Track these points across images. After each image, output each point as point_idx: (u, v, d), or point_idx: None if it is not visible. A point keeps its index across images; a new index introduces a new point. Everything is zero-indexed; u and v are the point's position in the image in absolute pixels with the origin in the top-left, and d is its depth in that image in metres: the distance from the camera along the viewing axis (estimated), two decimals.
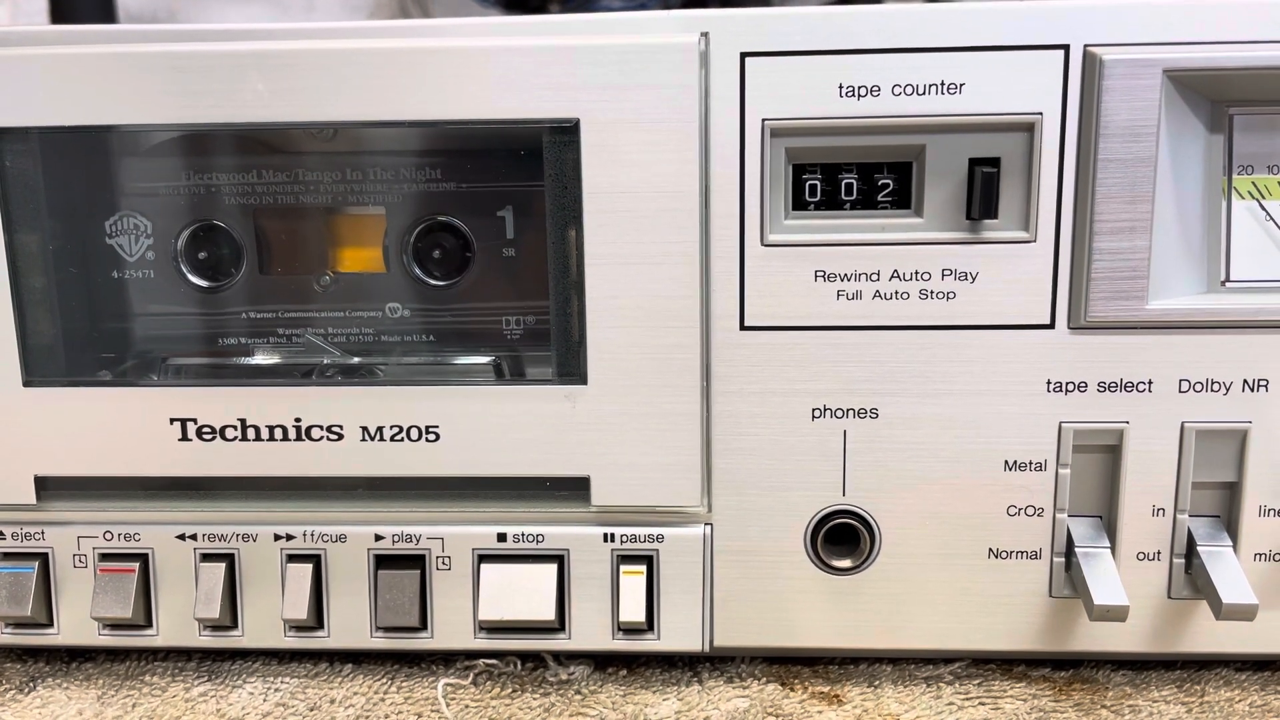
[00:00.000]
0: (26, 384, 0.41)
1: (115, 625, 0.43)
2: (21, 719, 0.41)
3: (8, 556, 0.43)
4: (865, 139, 0.38)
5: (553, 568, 0.41)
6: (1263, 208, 0.39)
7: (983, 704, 0.41)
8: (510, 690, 0.42)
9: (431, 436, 0.41)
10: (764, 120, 0.38)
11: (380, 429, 0.41)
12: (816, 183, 0.39)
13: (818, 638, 0.42)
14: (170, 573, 0.43)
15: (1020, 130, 0.38)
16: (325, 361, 0.43)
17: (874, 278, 0.39)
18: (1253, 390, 0.39)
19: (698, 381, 0.40)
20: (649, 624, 0.42)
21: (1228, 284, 0.39)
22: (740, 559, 0.42)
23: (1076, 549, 0.40)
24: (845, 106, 0.38)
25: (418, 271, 0.43)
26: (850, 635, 0.42)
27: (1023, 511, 0.41)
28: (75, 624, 0.43)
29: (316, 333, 0.43)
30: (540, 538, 0.42)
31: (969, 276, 0.39)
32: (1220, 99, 0.38)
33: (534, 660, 0.44)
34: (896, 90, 0.38)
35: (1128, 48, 0.37)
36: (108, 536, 0.42)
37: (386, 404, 0.40)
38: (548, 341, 0.41)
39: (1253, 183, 0.39)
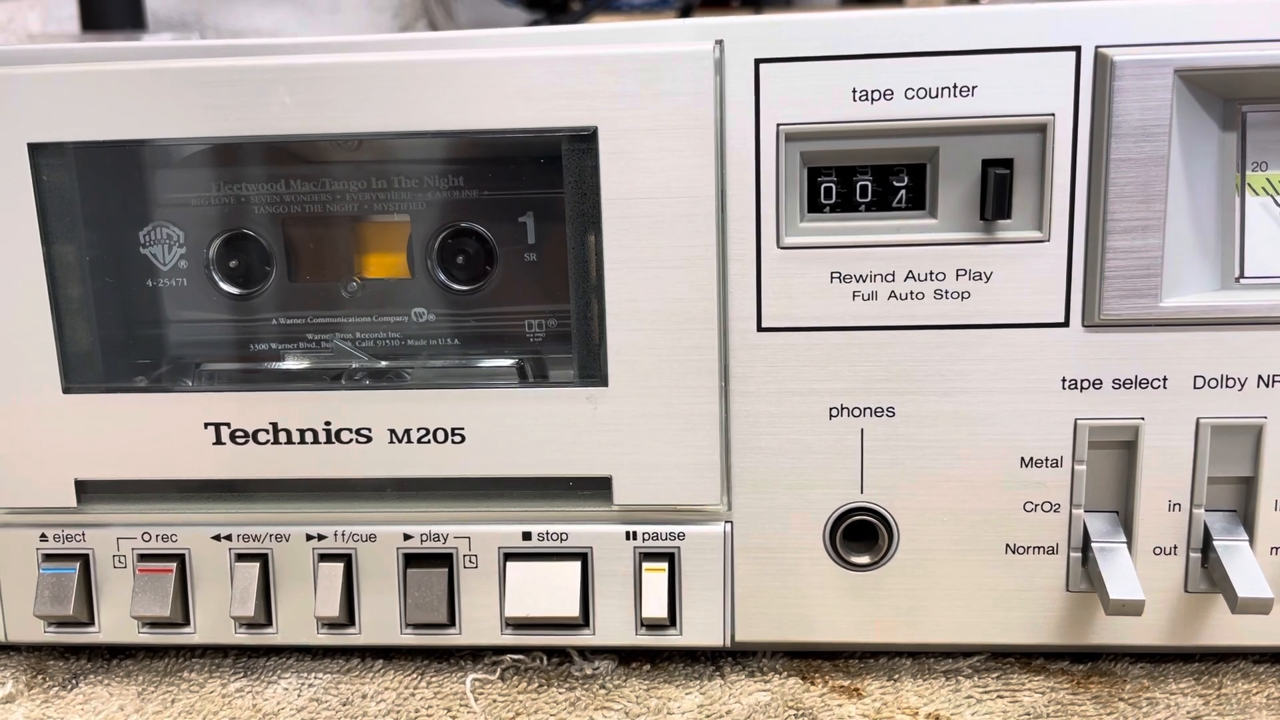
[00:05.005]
0: (66, 391, 0.42)
1: (154, 623, 0.44)
2: (65, 715, 0.43)
3: (50, 558, 0.44)
4: (879, 142, 0.39)
5: (577, 565, 0.42)
6: (1277, 204, 0.40)
7: (1001, 697, 0.41)
8: (536, 685, 0.43)
9: (457, 438, 0.42)
10: (779, 125, 0.39)
11: (408, 431, 0.42)
12: (831, 185, 0.40)
13: (837, 632, 0.43)
14: (206, 572, 0.44)
15: (1033, 131, 0.38)
16: (353, 366, 0.44)
17: (889, 278, 0.40)
18: (1268, 386, 0.40)
19: (716, 382, 0.40)
20: (671, 620, 0.43)
21: (1242, 280, 0.40)
22: (760, 556, 0.42)
23: (1093, 544, 0.41)
24: (859, 110, 0.39)
25: (442, 277, 0.44)
26: (869, 630, 0.43)
27: (1039, 507, 0.41)
28: (115, 623, 0.44)
29: (345, 338, 0.44)
30: (564, 536, 0.42)
31: (983, 276, 0.39)
32: (1233, 97, 0.39)
33: (559, 655, 0.45)
34: (909, 93, 0.38)
35: (1139, 48, 0.37)
36: (146, 538, 0.44)
37: (413, 407, 0.41)
38: (569, 344, 0.41)
39: (1267, 179, 0.39)
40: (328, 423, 0.42)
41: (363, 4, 0.89)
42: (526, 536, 0.43)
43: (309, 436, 0.42)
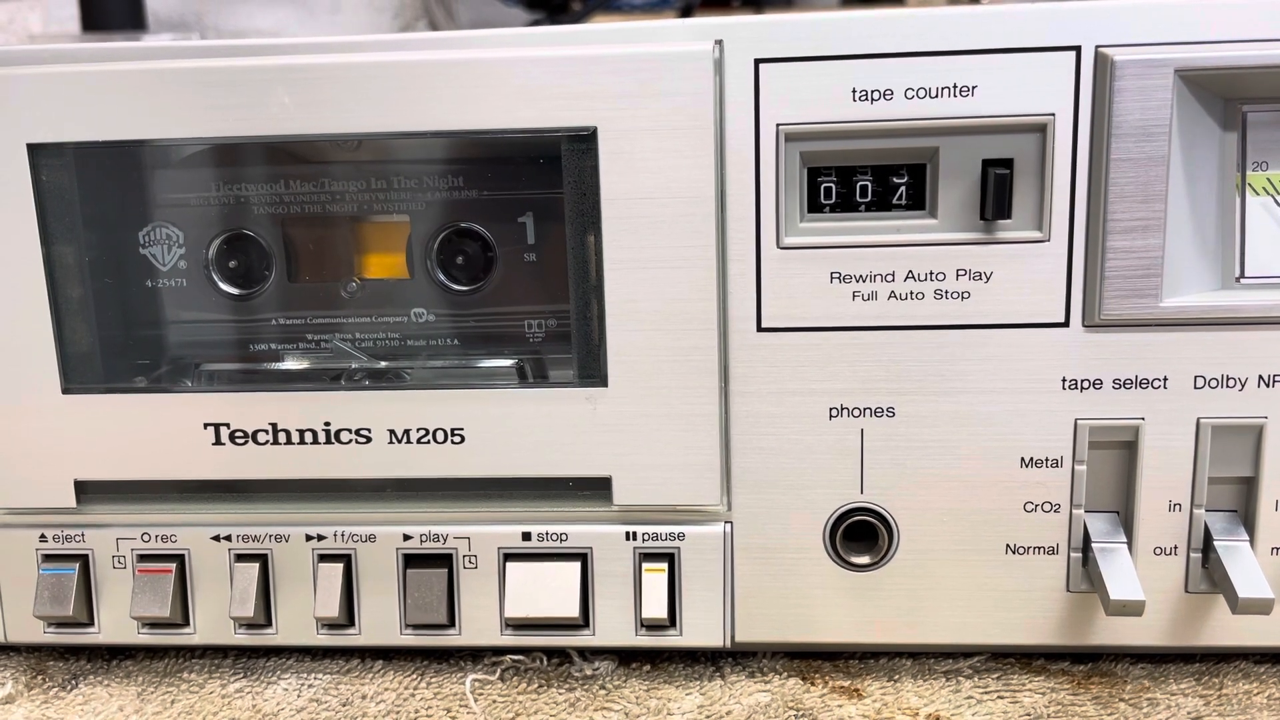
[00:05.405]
0: (65, 391, 0.42)
1: (154, 624, 0.44)
2: (65, 715, 0.43)
3: (50, 558, 0.44)
4: (879, 142, 0.39)
5: (576, 566, 0.42)
6: (1277, 204, 0.39)
7: (1001, 697, 0.41)
8: (536, 685, 0.43)
9: (457, 439, 0.41)
10: (778, 125, 0.39)
11: (407, 432, 0.42)
12: (831, 185, 0.40)
13: (838, 633, 0.43)
14: (206, 573, 0.44)
15: (1033, 131, 0.38)
16: (353, 366, 0.44)
17: (889, 278, 0.40)
18: (1268, 386, 0.40)
19: (716, 382, 0.40)
20: (671, 620, 0.42)
21: (1242, 280, 0.39)
22: (760, 556, 0.42)
23: (1093, 544, 0.41)
24: (859, 110, 0.38)
25: (442, 277, 0.44)
26: (870, 630, 0.43)
27: (1039, 508, 0.41)
28: (115, 623, 0.44)
29: (344, 338, 0.44)
30: (564, 536, 0.42)
31: (983, 276, 0.39)
32: (1233, 96, 0.39)
33: (559, 656, 0.45)
34: (909, 93, 0.38)
35: (1139, 48, 0.37)
36: (145, 538, 0.44)
37: (413, 407, 0.41)
38: (569, 344, 0.41)
39: (1267, 179, 0.39)
40: (327, 423, 0.42)
41: (363, 4, 0.89)
42: (526, 537, 0.43)
43: (308, 437, 0.42)
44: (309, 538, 0.43)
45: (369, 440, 0.42)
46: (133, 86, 0.39)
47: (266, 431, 0.42)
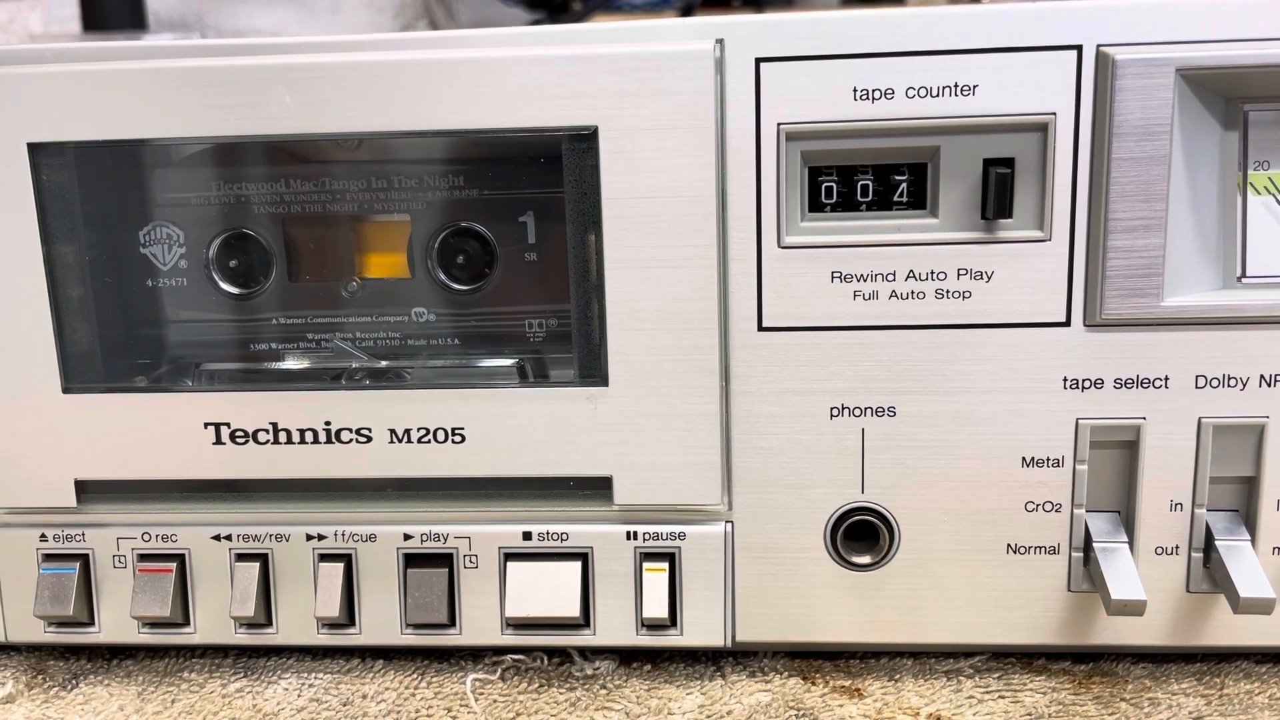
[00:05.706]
0: (66, 391, 0.42)
1: (154, 624, 0.44)
2: (65, 715, 0.42)
3: (50, 558, 0.44)
4: (880, 141, 0.39)
5: (577, 565, 0.42)
6: (1279, 203, 0.39)
7: (1002, 697, 0.41)
8: (537, 685, 0.43)
9: (458, 438, 0.41)
10: (779, 124, 0.39)
11: (408, 431, 0.42)
12: (832, 184, 0.40)
13: (838, 632, 0.43)
14: (206, 572, 0.44)
15: (1034, 130, 0.38)
16: (354, 366, 0.44)
17: (890, 278, 0.40)
18: (1270, 385, 0.39)
19: (717, 382, 0.40)
20: (672, 620, 0.42)
21: (1243, 280, 0.39)
22: (761, 556, 0.42)
23: (1095, 544, 0.41)
24: (860, 109, 0.38)
25: (442, 276, 0.44)
26: (870, 630, 0.43)
27: (1041, 507, 0.41)
28: (115, 623, 0.44)
29: (345, 338, 0.44)
30: (565, 536, 0.42)
31: (984, 276, 0.39)
32: (1234, 96, 0.39)
33: (560, 656, 0.45)
34: (910, 93, 0.38)
35: (1140, 47, 0.37)
36: (146, 538, 0.44)
37: (414, 407, 0.41)
38: (570, 344, 0.41)
39: (1269, 178, 0.39)
40: (328, 422, 0.42)
41: (363, 4, 0.89)
42: (527, 536, 0.43)
43: (309, 436, 0.42)
44: (309, 537, 0.43)
45: (369, 440, 0.42)
46: (133, 86, 0.39)
47: (267, 431, 0.42)
